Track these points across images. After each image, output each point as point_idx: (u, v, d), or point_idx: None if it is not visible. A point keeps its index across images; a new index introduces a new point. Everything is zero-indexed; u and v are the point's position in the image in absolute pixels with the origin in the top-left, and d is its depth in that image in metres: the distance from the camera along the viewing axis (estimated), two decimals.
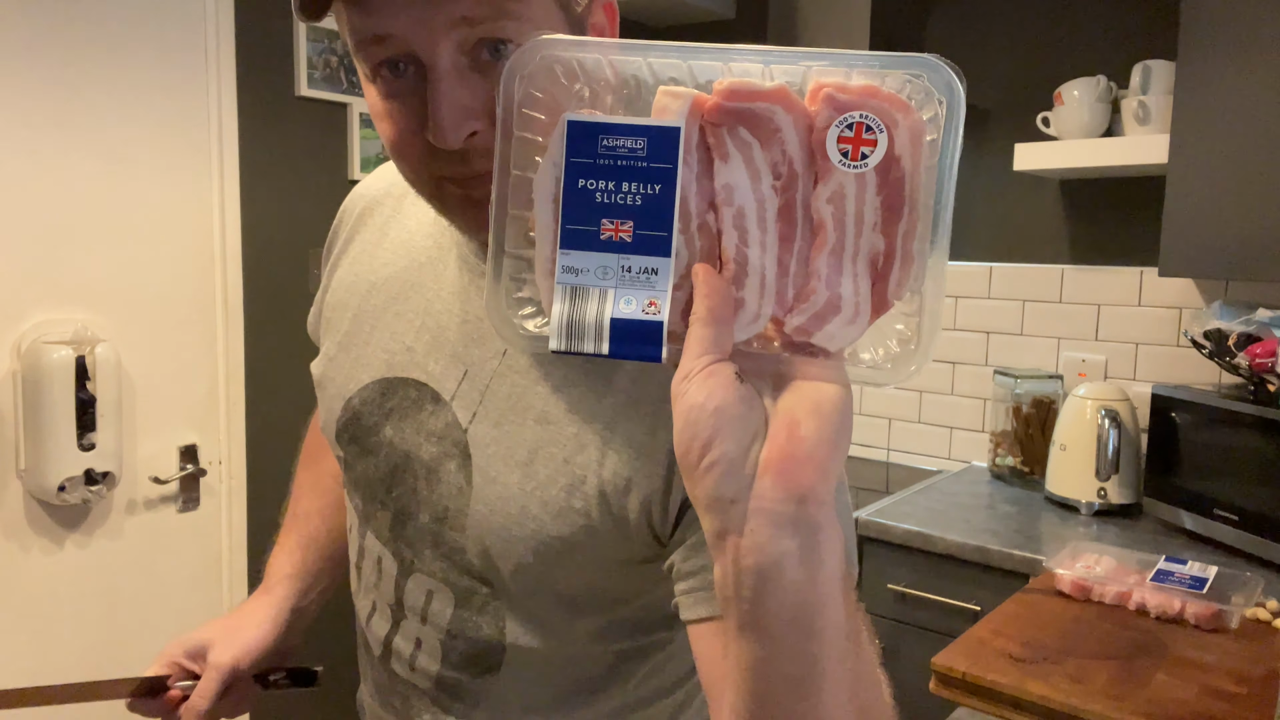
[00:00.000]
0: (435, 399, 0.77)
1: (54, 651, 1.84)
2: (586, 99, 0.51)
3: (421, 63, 0.62)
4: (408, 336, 0.80)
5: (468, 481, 0.75)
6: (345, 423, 0.82)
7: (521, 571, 0.74)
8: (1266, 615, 1.28)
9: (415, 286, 0.81)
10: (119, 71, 1.85)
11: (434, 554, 0.78)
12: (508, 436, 0.73)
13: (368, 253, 0.86)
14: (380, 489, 0.80)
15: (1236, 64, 1.73)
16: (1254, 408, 1.73)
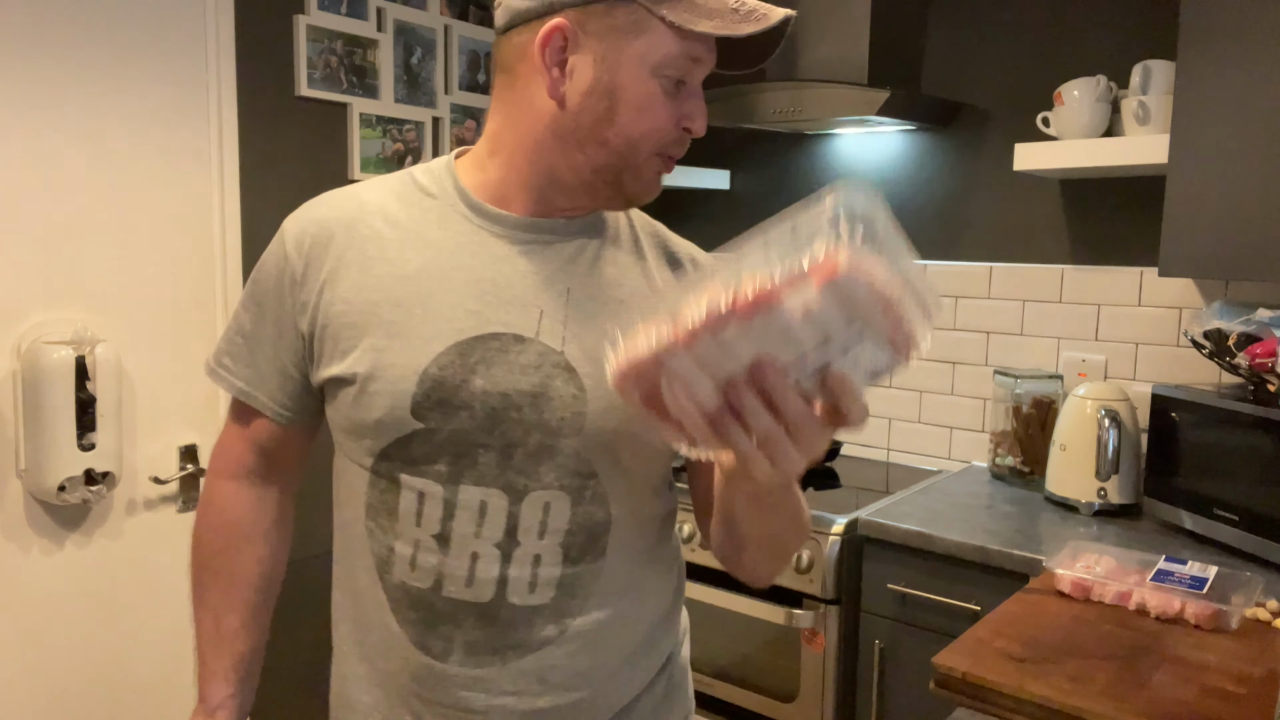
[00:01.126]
0: (519, 340, 0.93)
1: (54, 651, 1.84)
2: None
3: (685, 83, 0.92)
4: (469, 303, 0.93)
5: (580, 389, 0.93)
6: (426, 393, 0.92)
7: (625, 452, 0.95)
8: (1266, 615, 1.28)
9: (456, 267, 0.94)
10: (119, 71, 1.85)
11: (549, 467, 0.93)
12: (598, 347, 0.86)
13: (382, 257, 0.95)
14: (480, 435, 0.93)
15: (1236, 64, 1.73)
16: (1254, 408, 1.73)
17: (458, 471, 0.93)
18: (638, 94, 0.90)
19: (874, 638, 1.95)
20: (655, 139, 0.92)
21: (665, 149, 0.93)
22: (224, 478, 1.08)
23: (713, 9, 0.89)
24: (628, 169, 0.93)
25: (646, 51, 0.89)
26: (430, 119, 2.37)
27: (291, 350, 1.00)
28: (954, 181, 2.47)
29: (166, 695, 2.02)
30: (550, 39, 0.89)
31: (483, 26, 2.47)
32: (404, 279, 0.94)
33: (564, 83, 0.90)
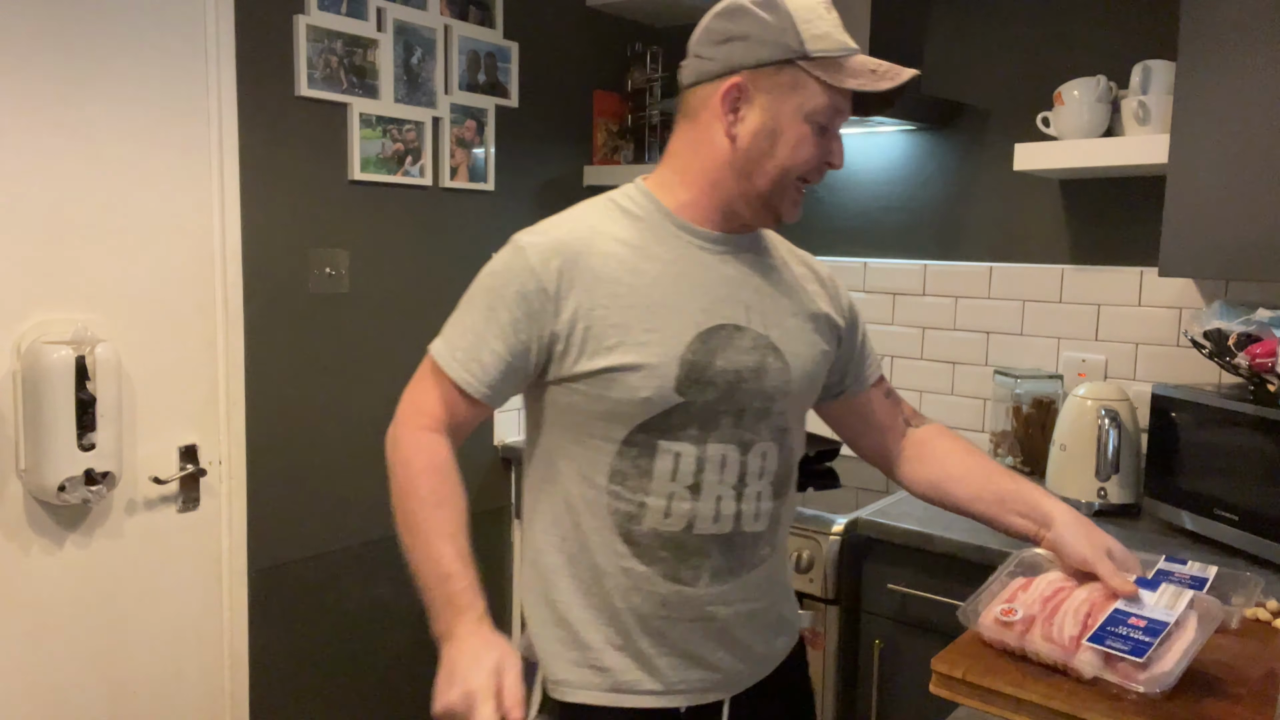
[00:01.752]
0: (738, 328, 1.22)
1: (54, 651, 1.84)
2: None
3: (828, 128, 1.21)
4: (699, 301, 1.21)
5: (784, 364, 1.25)
6: (684, 373, 1.18)
7: (801, 416, 1.33)
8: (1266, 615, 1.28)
9: (681, 274, 1.22)
10: (119, 72, 1.85)
11: (765, 425, 1.24)
12: (788, 329, 1.27)
13: (624, 269, 1.20)
14: (721, 404, 1.21)
15: (1236, 64, 1.73)
16: (1254, 408, 1.73)
17: (707, 432, 1.21)
18: (793, 135, 1.18)
19: (874, 638, 1.95)
20: (801, 169, 1.20)
21: (807, 177, 1.22)
22: (424, 430, 1.25)
23: (856, 70, 1.17)
24: (777, 193, 1.21)
25: (802, 102, 1.17)
26: (430, 119, 2.37)
27: (523, 347, 1.20)
28: (954, 181, 2.47)
29: (166, 695, 2.02)
30: (729, 92, 1.18)
31: (483, 26, 2.47)
32: (648, 286, 1.19)
33: (736, 125, 1.19)
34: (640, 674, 1.24)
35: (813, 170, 1.21)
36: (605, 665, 1.24)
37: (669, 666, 1.24)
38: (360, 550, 2.34)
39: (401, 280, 2.37)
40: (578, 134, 2.77)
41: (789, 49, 1.15)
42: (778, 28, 1.16)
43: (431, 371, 1.26)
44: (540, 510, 1.28)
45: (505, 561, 2.69)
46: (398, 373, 2.37)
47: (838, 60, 1.16)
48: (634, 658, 1.24)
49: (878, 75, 1.17)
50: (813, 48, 1.15)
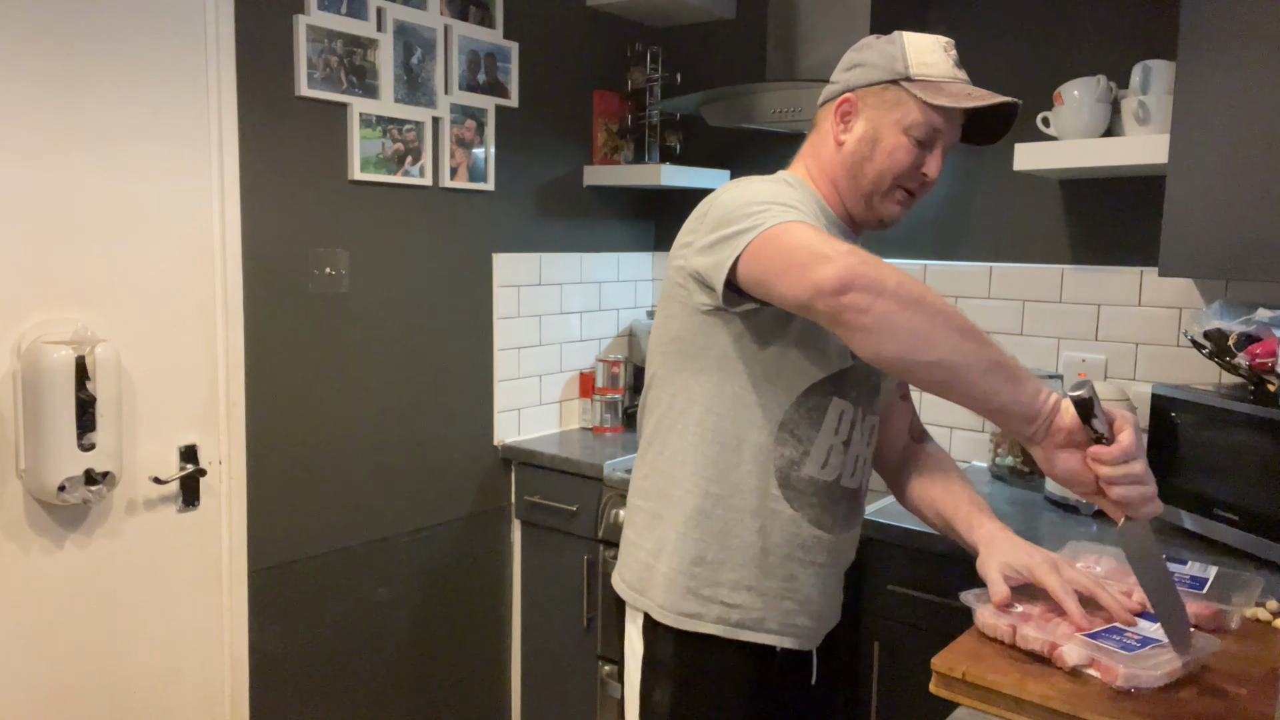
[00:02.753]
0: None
1: (54, 651, 1.84)
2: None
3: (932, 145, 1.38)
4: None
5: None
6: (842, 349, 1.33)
7: (884, 400, 1.49)
8: (1266, 615, 1.28)
9: None
10: (119, 71, 1.85)
11: (877, 401, 1.45)
12: None
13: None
14: (867, 375, 1.39)
15: (1236, 64, 1.73)
16: (1254, 408, 1.73)
17: (860, 397, 1.40)
18: (890, 143, 1.35)
19: (874, 638, 1.95)
20: (894, 174, 1.35)
21: (904, 183, 1.37)
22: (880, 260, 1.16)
23: (952, 93, 1.34)
24: (876, 194, 1.37)
25: (901, 117, 1.34)
26: (430, 119, 2.37)
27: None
28: (954, 181, 2.47)
29: (166, 695, 2.02)
30: (841, 105, 1.40)
31: (483, 26, 2.47)
32: None
33: (845, 133, 1.39)
34: (762, 614, 1.38)
35: (908, 177, 1.36)
36: (734, 602, 1.37)
37: (787, 610, 1.40)
38: (360, 550, 2.34)
39: (401, 280, 2.37)
40: (578, 134, 2.77)
41: (895, 72, 1.35)
42: (891, 55, 1.36)
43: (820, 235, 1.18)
44: (685, 458, 1.38)
45: (506, 561, 2.69)
46: (398, 373, 2.38)
47: (937, 83, 1.33)
48: (760, 596, 1.38)
49: (971, 97, 1.33)
50: (916, 72, 1.34)
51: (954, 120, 1.36)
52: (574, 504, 2.48)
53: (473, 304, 2.55)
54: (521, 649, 2.71)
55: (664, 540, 1.40)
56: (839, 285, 1.09)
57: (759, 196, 1.27)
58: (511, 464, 2.66)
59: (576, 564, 2.49)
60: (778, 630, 1.40)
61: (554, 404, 2.81)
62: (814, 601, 1.43)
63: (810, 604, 1.42)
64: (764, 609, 1.38)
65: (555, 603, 2.59)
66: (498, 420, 2.64)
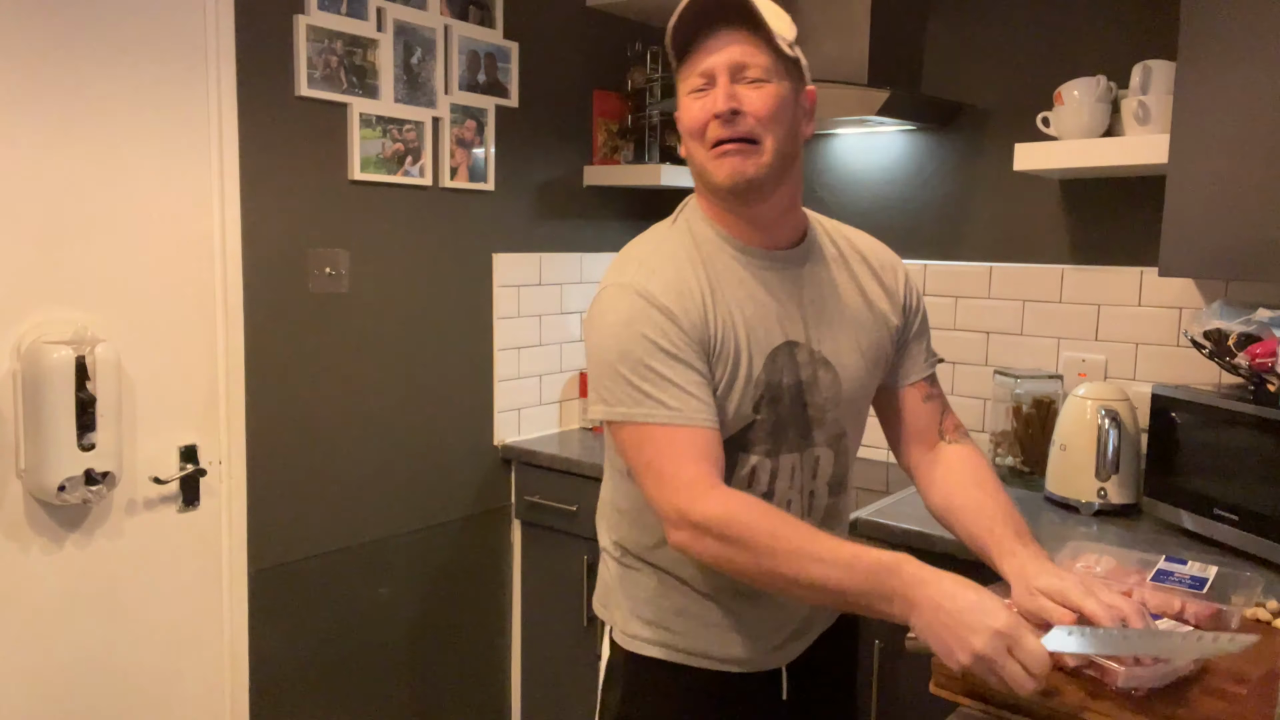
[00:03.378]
0: (796, 344, 1.29)
1: (54, 651, 1.84)
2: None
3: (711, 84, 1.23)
4: (767, 321, 1.28)
5: (836, 376, 1.32)
6: (760, 392, 1.27)
7: (858, 418, 1.40)
8: (1266, 615, 1.28)
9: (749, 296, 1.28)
10: (119, 71, 1.85)
11: (821, 433, 1.33)
12: (839, 341, 1.33)
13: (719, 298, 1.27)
14: (788, 418, 1.30)
15: (1236, 64, 1.73)
16: (1254, 408, 1.73)
17: (778, 445, 1.30)
18: (682, 113, 1.27)
19: (874, 638, 1.95)
20: (693, 132, 1.25)
21: (709, 136, 1.23)
22: (715, 488, 1.20)
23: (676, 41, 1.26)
24: (703, 173, 1.26)
25: (680, 88, 1.27)
26: (430, 119, 2.37)
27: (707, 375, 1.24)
28: (954, 181, 2.47)
29: (166, 695, 2.02)
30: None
31: (483, 26, 2.47)
32: (728, 310, 1.26)
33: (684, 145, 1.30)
34: (706, 645, 1.35)
35: (707, 128, 1.24)
36: (680, 629, 1.35)
37: (735, 641, 1.35)
38: (360, 550, 2.34)
39: (401, 280, 2.37)
40: (578, 134, 2.77)
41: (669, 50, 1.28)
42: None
43: (666, 440, 1.21)
44: (621, 498, 1.38)
45: (505, 562, 2.69)
46: (398, 373, 2.38)
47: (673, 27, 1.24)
48: (706, 626, 1.34)
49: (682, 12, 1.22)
50: (668, 38, 1.26)
51: (701, 42, 1.23)
52: (574, 504, 2.48)
53: (473, 304, 2.55)
54: (521, 649, 2.71)
55: (613, 572, 1.42)
56: (676, 521, 1.19)
57: (614, 349, 1.22)
58: (511, 464, 2.66)
59: (576, 564, 2.49)
60: (729, 660, 1.36)
61: (554, 404, 2.81)
62: (773, 629, 1.37)
63: (769, 632, 1.37)
64: (713, 641, 1.35)
65: (555, 603, 2.59)
66: (498, 420, 2.64)
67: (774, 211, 1.30)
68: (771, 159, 1.23)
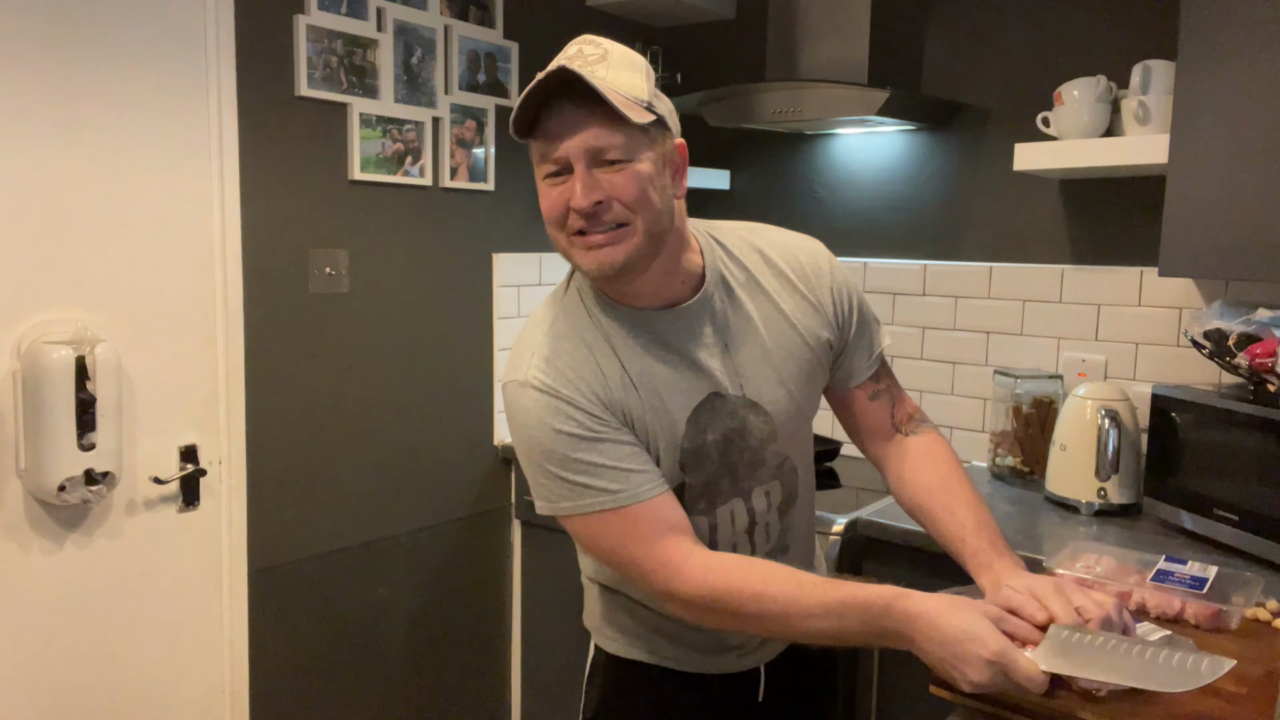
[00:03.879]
0: (719, 396, 1.24)
1: (54, 651, 1.84)
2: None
3: (559, 175, 1.14)
4: (680, 384, 1.23)
5: (767, 414, 1.27)
6: (684, 458, 1.23)
7: (802, 436, 1.36)
8: (1266, 615, 1.28)
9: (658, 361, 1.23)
10: (119, 71, 1.85)
11: (763, 471, 1.30)
12: (763, 379, 1.27)
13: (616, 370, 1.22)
14: (718, 472, 1.26)
15: (1236, 64, 1.73)
16: (1254, 408, 1.73)
17: (712, 503, 1.28)
18: (541, 198, 1.17)
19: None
20: (556, 226, 1.16)
21: (572, 228, 1.15)
22: (688, 560, 1.17)
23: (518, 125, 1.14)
24: (569, 256, 1.18)
25: (536, 169, 1.16)
26: (430, 119, 2.37)
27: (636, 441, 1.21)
28: (954, 181, 2.47)
29: (166, 695, 2.02)
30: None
31: (482, 26, 2.47)
32: (639, 381, 1.21)
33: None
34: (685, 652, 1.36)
35: (566, 220, 1.14)
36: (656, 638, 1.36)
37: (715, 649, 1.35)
38: (360, 550, 2.34)
39: (401, 280, 2.37)
40: None
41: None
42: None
43: (620, 525, 1.18)
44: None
45: (505, 562, 2.69)
46: (398, 373, 2.38)
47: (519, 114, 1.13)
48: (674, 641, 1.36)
49: (521, 112, 1.13)
50: (511, 121, 1.14)
51: (547, 122, 1.12)
52: None
53: (473, 304, 2.55)
54: (521, 649, 2.71)
55: (593, 592, 1.47)
56: (663, 599, 1.19)
57: (536, 449, 1.18)
58: (511, 464, 2.66)
59: (576, 564, 2.48)
60: (707, 666, 1.37)
61: None
62: (749, 640, 1.36)
63: (744, 644, 1.37)
64: (687, 650, 1.36)
65: (555, 603, 2.59)
66: (498, 420, 2.64)
67: (657, 277, 1.21)
68: (643, 239, 1.14)
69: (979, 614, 1.02)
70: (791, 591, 1.12)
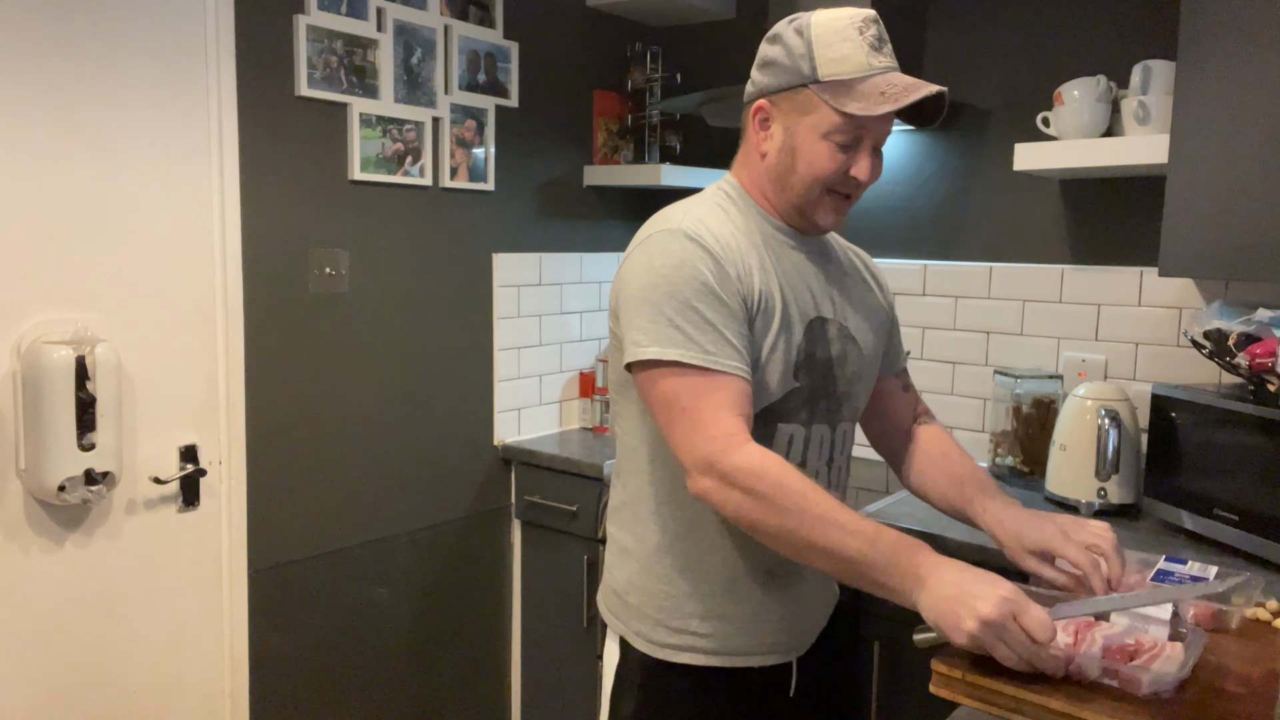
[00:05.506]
0: (826, 320, 1.35)
1: (54, 651, 1.84)
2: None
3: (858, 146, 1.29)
4: (804, 295, 1.34)
5: (861, 351, 1.40)
6: (799, 359, 1.31)
7: (868, 391, 1.46)
8: (1266, 615, 1.28)
9: (789, 270, 1.34)
10: (119, 71, 1.85)
11: (848, 408, 1.40)
12: (859, 318, 1.41)
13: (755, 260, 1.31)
14: (821, 389, 1.34)
15: (1236, 64, 1.73)
16: (1254, 408, 1.73)
17: (811, 417, 1.34)
18: (809, 152, 1.27)
19: (874, 638, 1.95)
20: (821, 183, 1.29)
21: (835, 188, 1.30)
22: (749, 442, 1.20)
23: (864, 93, 1.23)
24: (809, 204, 1.31)
25: (816, 124, 1.26)
26: (430, 119, 2.37)
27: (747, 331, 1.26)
28: (954, 181, 2.47)
29: (166, 695, 2.02)
30: (756, 114, 1.32)
31: (482, 26, 2.47)
32: (768, 280, 1.29)
33: (765, 143, 1.32)
34: (735, 639, 1.34)
35: (836, 183, 1.29)
36: (705, 631, 1.34)
37: (764, 630, 1.35)
38: (360, 550, 2.34)
39: (401, 280, 2.37)
40: (578, 134, 2.77)
41: (801, 74, 1.26)
42: (798, 54, 1.26)
43: (700, 384, 1.21)
44: (643, 495, 1.36)
45: (505, 561, 2.69)
46: (398, 373, 2.38)
47: (849, 83, 1.23)
48: (733, 623, 1.34)
49: (885, 97, 1.22)
50: (825, 72, 1.24)
51: (883, 117, 1.26)
52: (574, 504, 2.49)
53: (473, 304, 2.55)
54: (521, 649, 2.71)
55: (632, 575, 1.38)
56: (702, 469, 1.19)
57: (660, 289, 1.22)
58: (511, 464, 2.66)
59: (576, 564, 2.49)
60: (752, 651, 1.37)
61: (554, 404, 2.81)
62: (793, 616, 1.39)
63: (789, 620, 1.38)
64: (737, 634, 1.35)
65: (555, 603, 2.59)
66: (498, 420, 2.64)
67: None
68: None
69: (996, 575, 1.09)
70: (831, 502, 1.16)
